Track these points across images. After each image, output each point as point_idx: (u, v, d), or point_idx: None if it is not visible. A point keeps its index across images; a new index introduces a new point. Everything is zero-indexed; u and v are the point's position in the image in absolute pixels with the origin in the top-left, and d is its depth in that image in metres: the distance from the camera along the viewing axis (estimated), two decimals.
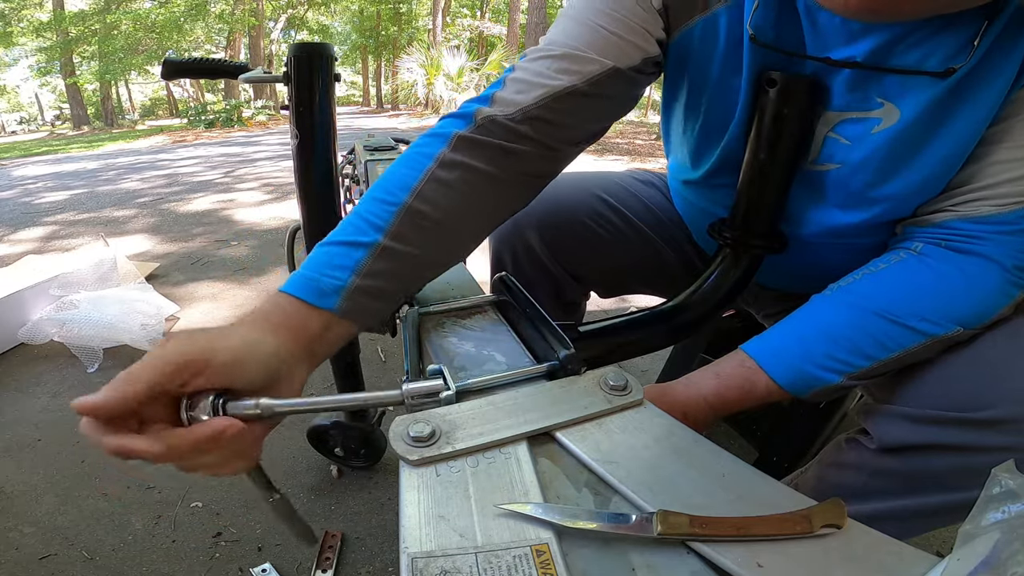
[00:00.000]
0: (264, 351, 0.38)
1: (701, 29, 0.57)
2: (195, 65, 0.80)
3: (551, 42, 0.56)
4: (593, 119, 0.58)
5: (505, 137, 0.53)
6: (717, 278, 0.68)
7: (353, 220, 0.49)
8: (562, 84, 0.53)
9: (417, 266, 0.50)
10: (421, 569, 0.28)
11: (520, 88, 0.53)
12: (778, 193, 0.62)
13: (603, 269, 0.86)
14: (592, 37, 0.54)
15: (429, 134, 0.54)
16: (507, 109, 0.53)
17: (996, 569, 0.22)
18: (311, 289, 0.43)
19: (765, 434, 1.12)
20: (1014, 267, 0.50)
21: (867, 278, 0.54)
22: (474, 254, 0.66)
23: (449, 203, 0.50)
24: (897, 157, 0.53)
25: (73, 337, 1.52)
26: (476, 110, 0.53)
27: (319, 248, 0.47)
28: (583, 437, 0.38)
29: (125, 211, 3.52)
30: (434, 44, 13.51)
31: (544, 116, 0.53)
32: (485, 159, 0.52)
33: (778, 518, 0.31)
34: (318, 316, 0.43)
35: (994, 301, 0.50)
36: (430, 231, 0.49)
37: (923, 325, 0.49)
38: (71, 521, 0.99)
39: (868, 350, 0.50)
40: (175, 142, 9.47)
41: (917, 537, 0.93)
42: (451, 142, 0.51)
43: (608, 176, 0.89)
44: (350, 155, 1.28)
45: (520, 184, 0.57)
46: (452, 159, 0.51)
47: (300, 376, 0.42)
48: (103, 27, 15.70)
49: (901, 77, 0.50)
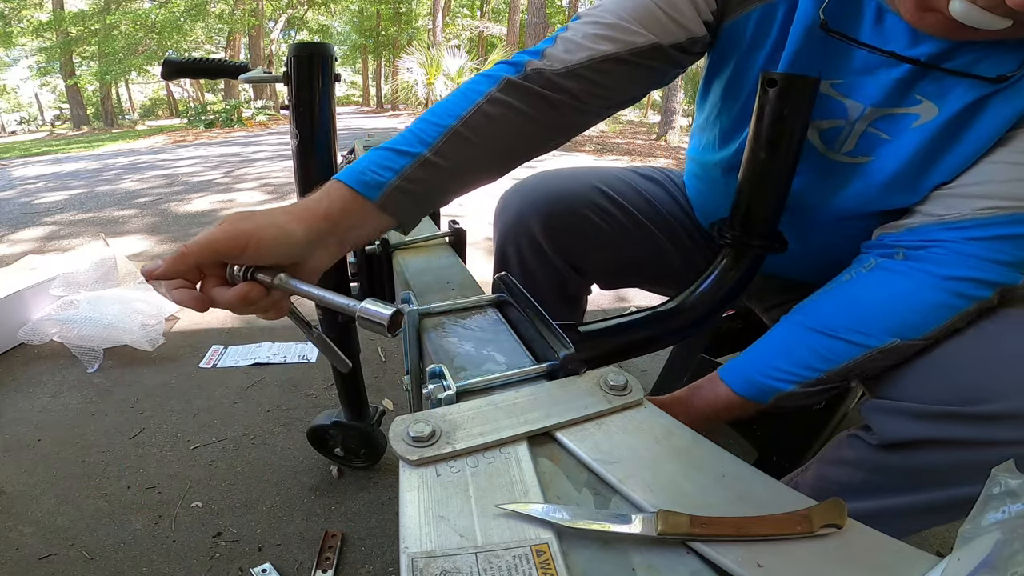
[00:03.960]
0: (293, 241, 0.46)
1: (759, 17, 0.60)
2: (195, 65, 0.80)
3: (604, 8, 0.60)
4: (630, 85, 0.62)
5: (548, 87, 0.58)
6: (717, 278, 0.68)
7: (406, 134, 0.56)
8: (605, 50, 0.57)
9: (450, 180, 0.57)
10: (421, 569, 0.28)
11: (568, 48, 0.58)
12: (778, 193, 0.62)
13: (605, 262, 0.86)
14: (642, 11, 0.58)
15: (484, 74, 0.60)
16: (554, 64, 0.58)
17: (996, 569, 0.22)
18: (360, 180, 0.51)
19: (765, 434, 1.12)
20: (966, 278, 0.51)
21: (820, 296, 0.59)
22: (475, 255, 0.67)
23: (488, 134, 0.57)
24: (930, 153, 0.55)
25: (73, 337, 1.52)
26: (527, 61, 0.58)
27: (374, 151, 0.54)
28: (583, 437, 0.38)
29: (125, 211, 3.52)
30: (434, 44, 13.50)
31: (586, 75, 0.58)
32: (527, 103, 0.58)
33: (778, 518, 0.31)
34: (360, 204, 0.51)
35: (934, 314, 0.52)
36: (467, 154, 0.56)
37: (858, 338, 0.54)
38: (71, 521, 0.99)
39: (813, 363, 0.56)
40: (175, 142, 9.47)
41: (917, 537, 0.93)
42: (500, 84, 0.57)
43: (609, 170, 0.89)
44: (350, 155, 1.28)
45: (551, 130, 0.62)
46: (499, 98, 0.57)
47: (325, 258, 0.50)
48: (103, 27, 15.69)
49: (944, 78, 0.53)
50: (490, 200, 0.88)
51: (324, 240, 0.49)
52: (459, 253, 0.78)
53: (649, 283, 0.99)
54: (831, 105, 0.59)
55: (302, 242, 0.47)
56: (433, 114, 0.57)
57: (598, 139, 7.88)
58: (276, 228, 0.45)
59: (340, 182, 0.51)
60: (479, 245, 2.46)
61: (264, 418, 1.29)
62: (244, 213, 0.46)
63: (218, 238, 0.43)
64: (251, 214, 0.46)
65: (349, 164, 0.54)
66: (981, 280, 0.51)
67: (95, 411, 1.32)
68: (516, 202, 0.82)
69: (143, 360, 1.55)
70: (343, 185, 0.51)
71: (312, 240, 0.48)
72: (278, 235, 0.45)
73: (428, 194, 0.56)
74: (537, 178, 0.85)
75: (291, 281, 0.46)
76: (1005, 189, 0.51)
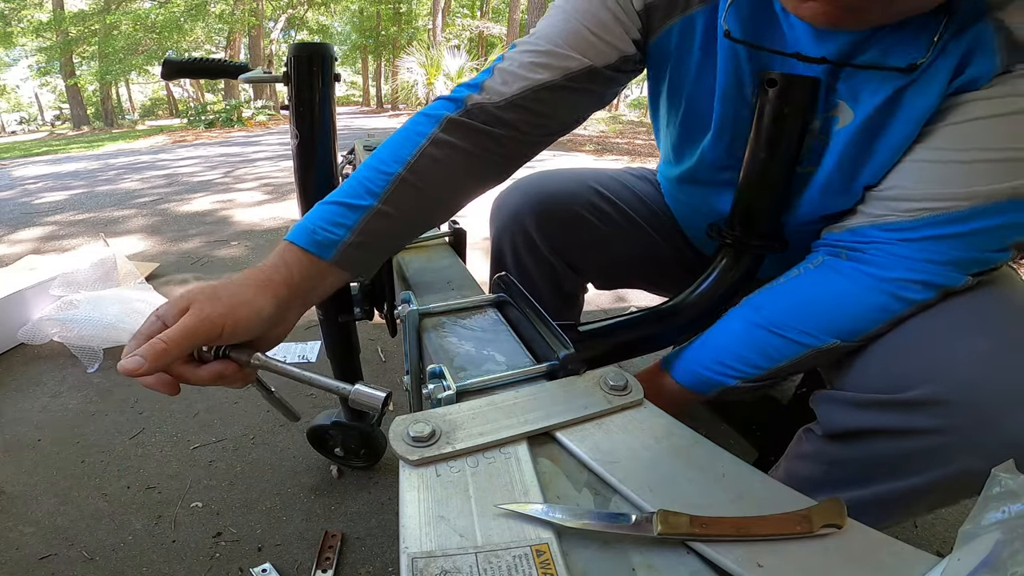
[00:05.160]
0: (265, 316, 0.47)
1: (679, 31, 0.61)
2: (195, 65, 0.80)
3: (538, 35, 0.61)
4: (569, 111, 0.64)
5: (490, 122, 0.59)
6: (717, 278, 0.68)
7: (354, 184, 0.56)
8: (542, 79, 0.59)
9: (402, 227, 0.58)
10: (421, 569, 0.28)
11: (506, 79, 0.59)
12: (778, 193, 0.62)
13: (600, 260, 0.87)
14: (573, 36, 0.59)
15: (424, 113, 0.60)
16: (493, 97, 0.59)
17: (996, 569, 0.22)
18: (313, 241, 0.51)
19: (765, 434, 1.12)
20: (903, 279, 0.50)
21: (766, 291, 0.59)
22: (475, 255, 0.67)
23: (435, 178, 0.57)
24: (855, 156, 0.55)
25: (73, 337, 1.52)
26: (467, 96, 0.59)
27: (322, 205, 0.54)
28: (583, 437, 0.38)
29: (125, 211, 3.52)
30: (434, 44, 13.50)
31: (525, 105, 0.59)
32: (471, 141, 0.59)
33: (778, 518, 0.31)
34: (317, 265, 0.52)
35: (872, 316, 0.52)
36: (416, 200, 0.57)
37: (802, 337, 0.54)
38: (71, 521, 0.99)
39: (753, 359, 0.57)
40: (175, 142, 9.47)
41: (917, 537, 0.93)
42: (443, 124, 0.58)
43: (603, 171, 0.91)
44: (350, 155, 1.28)
45: (497, 164, 0.63)
46: (442, 138, 0.57)
47: (292, 319, 0.51)
48: (103, 27, 15.69)
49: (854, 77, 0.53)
50: (489, 200, 0.88)
51: (290, 306, 0.50)
52: (459, 253, 0.78)
53: (645, 283, 1.00)
54: None
55: (273, 315, 0.48)
56: (378, 160, 0.57)
57: (598, 139, 7.88)
58: (247, 307, 0.46)
59: (294, 245, 0.51)
60: (479, 245, 2.46)
61: (264, 418, 1.29)
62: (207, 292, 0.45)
63: (195, 328, 0.43)
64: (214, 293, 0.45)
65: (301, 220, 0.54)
66: (918, 281, 0.50)
67: (95, 411, 1.32)
68: (512, 200, 0.84)
69: None
70: (298, 248, 0.51)
71: (280, 310, 0.49)
72: (250, 314, 0.46)
73: (383, 244, 0.57)
74: (533, 177, 0.87)
75: (269, 361, 0.47)
76: (928, 190, 0.50)
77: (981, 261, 0.50)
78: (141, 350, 0.41)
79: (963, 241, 0.49)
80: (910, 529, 0.95)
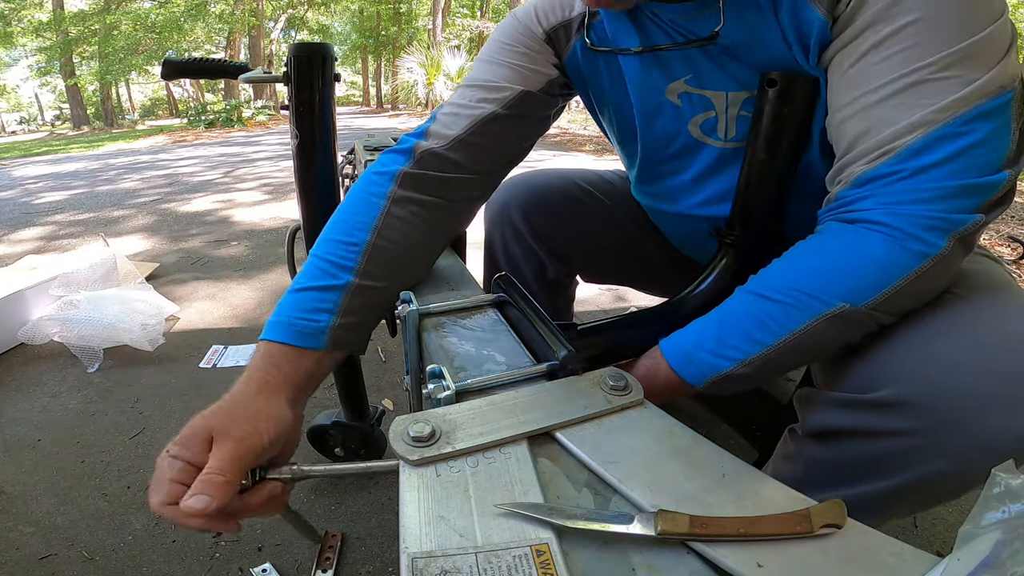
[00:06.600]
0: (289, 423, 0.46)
1: (580, 48, 0.66)
2: (195, 65, 0.80)
3: (470, 80, 0.66)
4: (514, 140, 0.67)
5: (442, 167, 0.61)
6: (717, 277, 0.68)
7: (318, 264, 0.55)
8: (483, 112, 0.63)
9: (386, 293, 0.57)
10: (421, 569, 0.28)
11: (448, 122, 0.63)
12: (778, 192, 0.62)
13: (581, 248, 0.92)
14: (501, 70, 0.65)
15: (375, 172, 0.61)
16: (441, 141, 0.62)
17: (996, 569, 0.22)
18: (300, 335, 0.50)
19: (765, 434, 1.12)
20: (901, 229, 0.45)
21: (769, 266, 0.53)
22: (475, 255, 0.68)
23: (407, 236, 0.58)
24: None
25: (73, 337, 1.52)
26: (415, 145, 0.61)
27: (292, 294, 0.53)
28: (583, 437, 0.38)
29: (125, 211, 3.52)
30: (434, 44, 13.51)
31: (472, 141, 0.62)
32: (429, 191, 0.60)
33: (778, 518, 0.31)
34: (310, 356, 0.51)
35: (884, 272, 0.45)
36: (394, 263, 0.57)
37: (803, 300, 0.47)
38: (71, 521, 0.99)
39: (755, 334, 0.48)
40: (175, 142, 9.47)
41: (917, 537, 0.93)
42: (398, 180, 0.59)
43: (592, 170, 0.97)
44: (350, 155, 1.28)
45: (461, 206, 0.66)
46: (402, 195, 0.59)
47: (300, 412, 0.50)
48: (103, 27, 15.69)
49: (696, 59, 0.59)
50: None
51: (297, 402, 0.49)
52: (459, 253, 0.78)
53: (639, 282, 1.03)
54: (694, 100, 0.63)
55: (291, 416, 0.47)
56: (339, 232, 0.56)
57: (598, 139, 7.87)
58: (268, 418, 0.44)
59: (279, 344, 0.50)
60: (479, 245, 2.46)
61: None
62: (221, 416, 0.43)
63: (241, 453, 0.41)
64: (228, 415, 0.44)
65: (294, 273, 0.55)
66: (918, 225, 0.44)
67: (95, 411, 1.32)
68: (501, 195, 0.90)
69: (143, 360, 1.55)
70: (283, 346, 0.50)
71: (294, 409, 0.48)
72: (275, 424, 0.44)
73: (371, 315, 0.56)
74: (523, 175, 0.92)
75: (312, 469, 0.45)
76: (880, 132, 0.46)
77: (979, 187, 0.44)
78: (197, 488, 0.38)
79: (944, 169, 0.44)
80: (910, 529, 0.95)
